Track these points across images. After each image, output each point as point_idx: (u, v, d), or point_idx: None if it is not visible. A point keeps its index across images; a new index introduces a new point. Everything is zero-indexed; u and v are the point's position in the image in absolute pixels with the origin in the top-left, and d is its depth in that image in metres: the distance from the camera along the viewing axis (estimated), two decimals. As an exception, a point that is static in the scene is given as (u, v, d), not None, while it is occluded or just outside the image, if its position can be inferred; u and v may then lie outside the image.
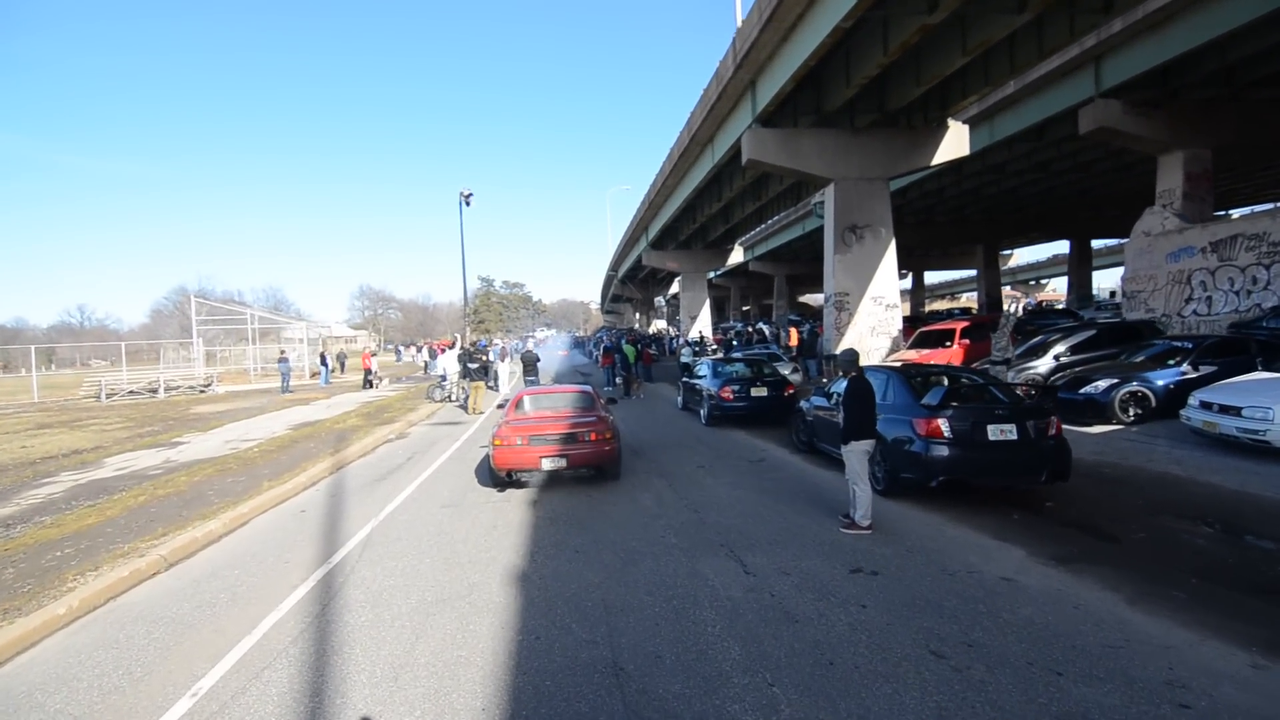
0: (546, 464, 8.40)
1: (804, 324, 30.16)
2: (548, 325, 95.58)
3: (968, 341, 17.60)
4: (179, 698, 3.83)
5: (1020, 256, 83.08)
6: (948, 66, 15.58)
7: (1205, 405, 8.82)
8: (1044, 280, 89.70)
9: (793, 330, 27.28)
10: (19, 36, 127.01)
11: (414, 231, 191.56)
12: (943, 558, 5.56)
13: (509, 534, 6.80)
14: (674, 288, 66.35)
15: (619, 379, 22.07)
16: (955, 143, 19.46)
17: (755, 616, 4.55)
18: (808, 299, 76.44)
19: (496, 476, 8.77)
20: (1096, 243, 45.87)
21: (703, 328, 42.04)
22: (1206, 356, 10.94)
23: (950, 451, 6.84)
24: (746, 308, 76.41)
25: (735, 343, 30.96)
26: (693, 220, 36.02)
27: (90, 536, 7.04)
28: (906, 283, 55.13)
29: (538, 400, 10.07)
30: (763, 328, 35.65)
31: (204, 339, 36.25)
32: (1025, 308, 39.58)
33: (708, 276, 48.76)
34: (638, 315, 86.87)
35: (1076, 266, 42.63)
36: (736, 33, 17.11)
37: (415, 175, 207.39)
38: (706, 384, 14.37)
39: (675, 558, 5.83)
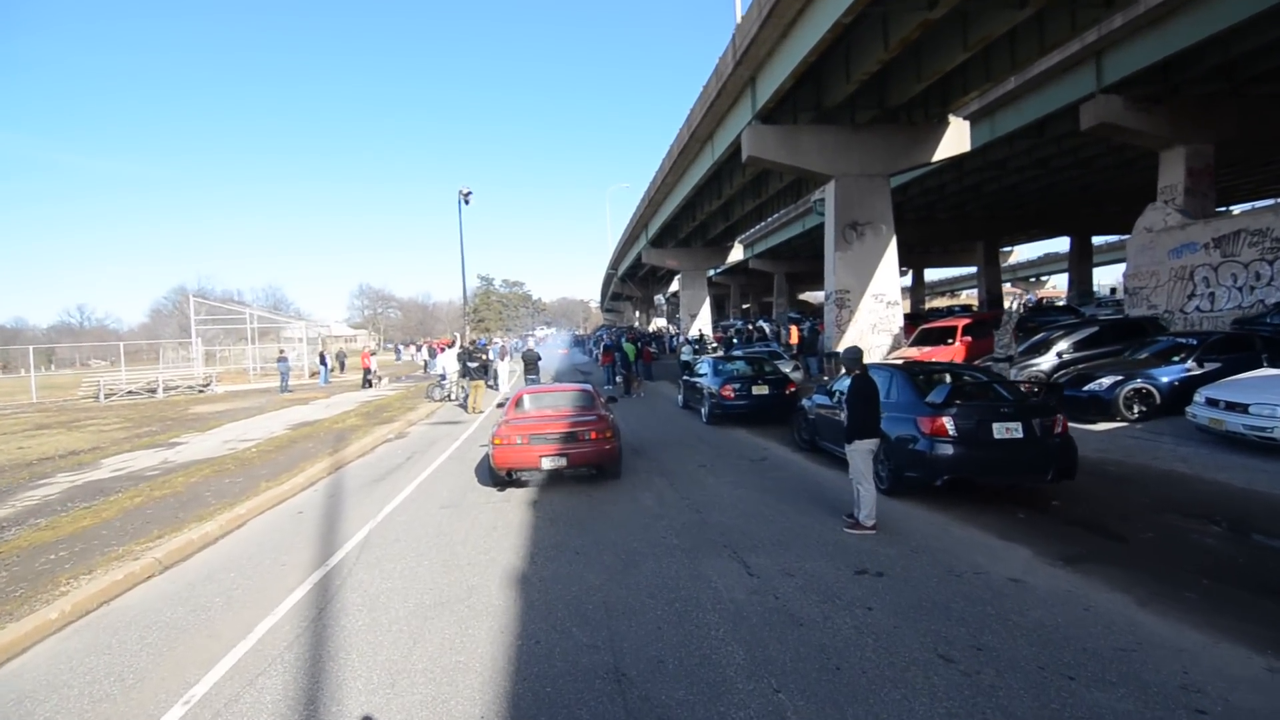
0: (546, 463, 8.32)
1: (804, 321, 30.09)
2: (547, 324, 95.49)
3: (970, 339, 17.52)
4: (171, 705, 3.74)
5: (1020, 253, 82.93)
6: (949, 62, 15.49)
7: (1211, 402, 8.73)
8: (1044, 277, 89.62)
9: (793, 328, 27.20)
10: (18, 36, 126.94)
11: (413, 230, 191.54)
12: (949, 558, 5.48)
13: (509, 535, 6.72)
14: (674, 286, 66.26)
15: (619, 377, 21.98)
16: (956, 139, 19.37)
17: (759, 619, 4.47)
18: (808, 296, 76.36)
19: (496, 476, 8.71)
20: (1097, 239, 45.82)
21: (703, 326, 41.98)
22: (1211, 353, 10.85)
23: (955, 450, 6.76)
24: (746, 305, 76.33)
25: (735, 341, 30.86)
26: (692, 218, 35.93)
27: (85, 539, 6.95)
28: (907, 280, 55.10)
29: (538, 399, 9.98)
30: (763, 325, 35.56)
31: (203, 339, 36.16)
32: (1025, 304, 39.50)
33: (707, 274, 48.68)
34: (637, 313, 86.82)
35: (1077, 263, 42.55)
36: (736, 29, 17.02)
37: (414, 174, 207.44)
38: (707, 382, 14.28)
39: (677, 559, 5.75)
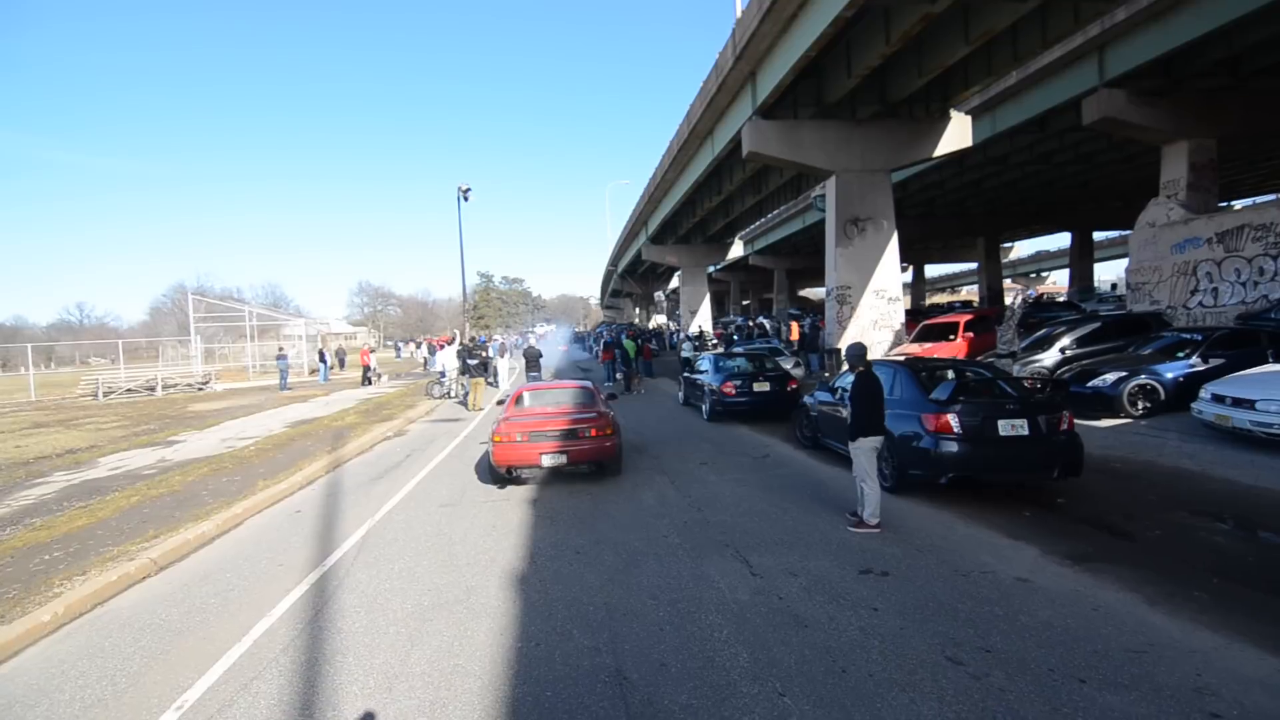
0: (547, 460, 8.26)
1: (805, 318, 30.01)
2: (547, 321, 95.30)
3: (972, 335, 17.45)
4: (164, 710, 3.67)
5: (1020, 249, 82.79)
6: (950, 56, 15.36)
7: (1217, 398, 8.65)
8: (1044, 273, 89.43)
9: (793, 324, 27.12)
10: (17, 34, 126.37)
11: (413, 227, 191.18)
12: (955, 557, 5.40)
13: (508, 534, 6.64)
14: (674, 282, 66.15)
15: (619, 374, 21.90)
16: (958, 134, 19.25)
17: (763, 621, 4.40)
18: (808, 293, 76.15)
19: (496, 473, 8.66)
20: (1098, 235, 45.68)
21: (703, 322, 41.91)
22: (1216, 349, 10.76)
23: (960, 447, 6.68)
24: (746, 302, 76.21)
25: (736, 337, 30.78)
26: (692, 214, 35.81)
27: (80, 539, 6.88)
28: (907, 276, 54.89)
29: (538, 396, 9.91)
30: (764, 322, 35.48)
31: (202, 336, 36.09)
32: (1026, 300, 39.39)
33: (707, 271, 48.57)
34: (637, 310, 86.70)
35: (1078, 259, 42.39)
36: (736, 23, 16.89)
37: (414, 171, 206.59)
38: (708, 379, 14.20)
39: (679, 559, 5.67)
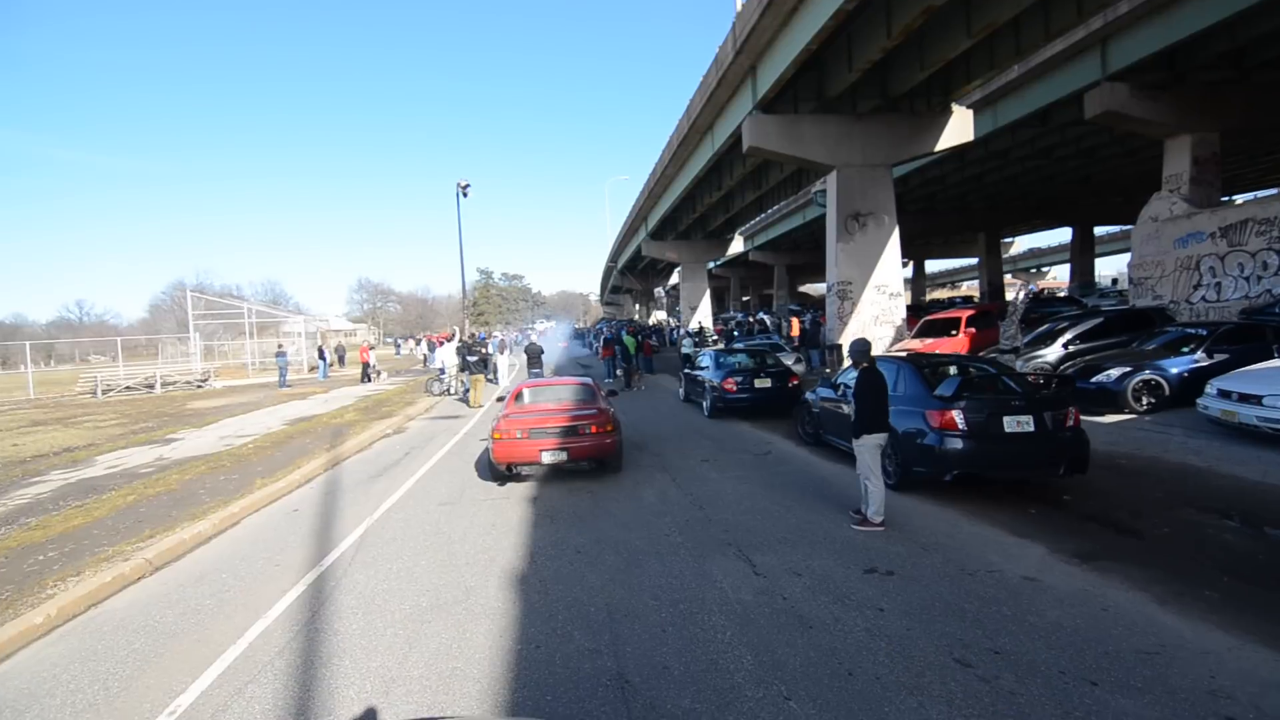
0: (547, 457, 8.20)
1: (805, 314, 29.88)
2: (546, 317, 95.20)
3: (974, 330, 17.37)
4: (156, 716, 3.60)
5: (1021, 244, 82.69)
6: (952, 50, 15.23)
7: (1224, 394, 8.56)
8: (1044, 268, 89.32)
9: (794, 320, 26.99)
10: (16, 33, 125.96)
11: (413, 224, 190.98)
12: (961, 556, 5.33)
13: (508, 533, 6.57)
14: (674, 278, 65.99)
15: (620, 371, 21.82)
16: (959, 128, 19.11)
17: (767, 622, 4.32)
18: (808, 289, 76.00)
19: (496, 470, 8.62)
20: (1099, 229, 45.53)
21: (703, 318, 41.78)
22: (1220, 344, 10.67)
23: (965, 444, 6.60)
24: (746, 298, 76.06)
25: (736, 333, 30.67)
26: (692, 210, 35.66)
27: (75, 539, 6.81)
28: (907, 272, 54.60)
29: (537, 393, 9.85)
30: (764, 318, 35.36)
31: (201, 334, 36.01)
32: (1027, 295, 39.25)
33: (707, 267, 48.39)
34: (637, 306, 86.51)
35: (1079, 253, 42.27)
36: (736, 17, 16.76)
37: (413, 167, 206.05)
38: (709, 375, 14.12)
39: (681, 558, 5.60)
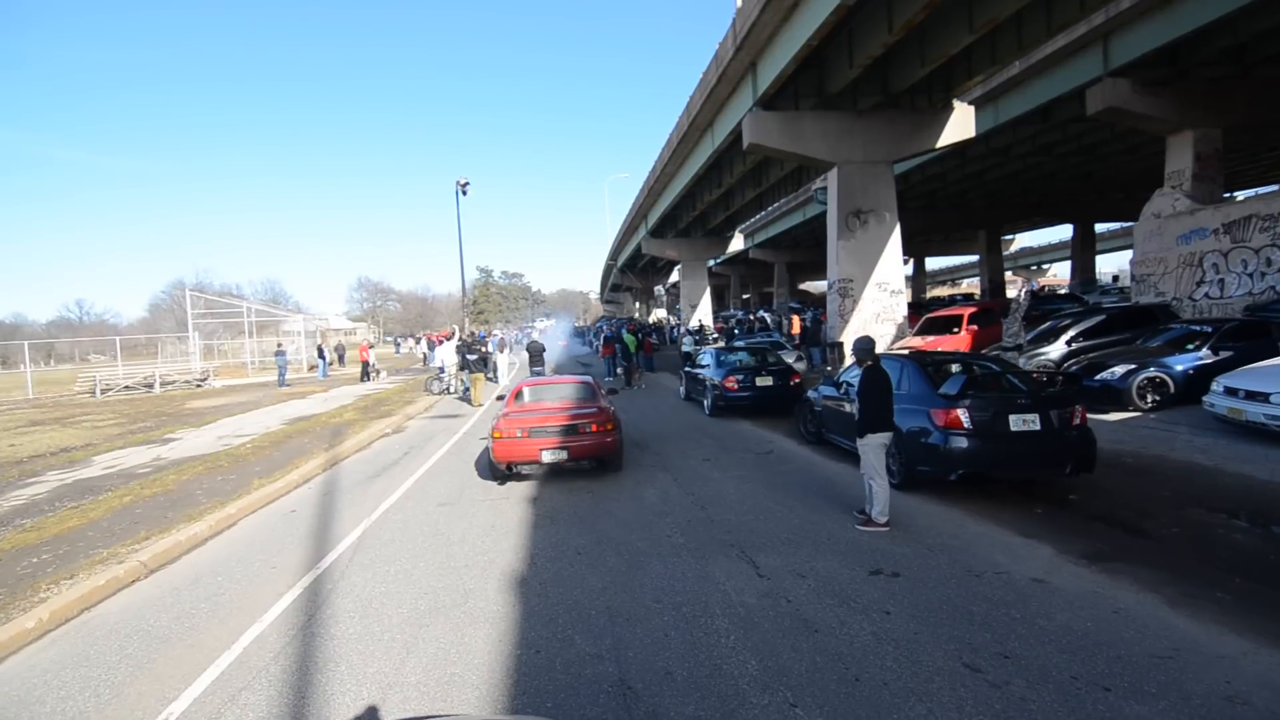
0: (547, 456, 8.14)
1: (806, 311, 29.80)
2: (546, 315, 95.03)
3: (976, 327, 17.26)
4: (148, 724, 3.52)
5: (1021, 241, 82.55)
6: (954, 45, 15.12)
7: (1230, 391, 8.48)
8: (1045, 265, 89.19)
9: (795, 318, 26.91)
10: (17, 32, 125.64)
11: (412, 222, 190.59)
12: (967, 557, 5.25)
13: (508, 534, 6.49)
14: (674, 276, 65.88)
15: (620, 369, 21.73)
16: (961, 125, 19.00)
17: (771, 625, 4.24)
18: (808, 286, 75.91)
19: (496, 470, 8.56)
20: (1100, 226, 45.42)
21: (703, 316, 41.67)
22: (1226, 341, 10.58)
23: (970, 443, 6.51)
24: (746, 296, 75.94)
25: (737, 331, 30.57)
26: (692, 207, 35.55)
27: (70, 541, 6.73)
28: (907, 269, 54.43)
29: (537, 392, 9.77)
30: (764, 316, 35.28)
31: (201, 333, 35.93)
32: (1029, 293, 39.18)
33: (707, 265, 48.24)
34: (637, 304, 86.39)
35: (1080, 251, 42.20)
36: (737, 12, 16.65)
37: (413, 166, 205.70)
38: (710, 374, 14.04)
39: (683, 559, 5.52)
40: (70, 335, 78.35)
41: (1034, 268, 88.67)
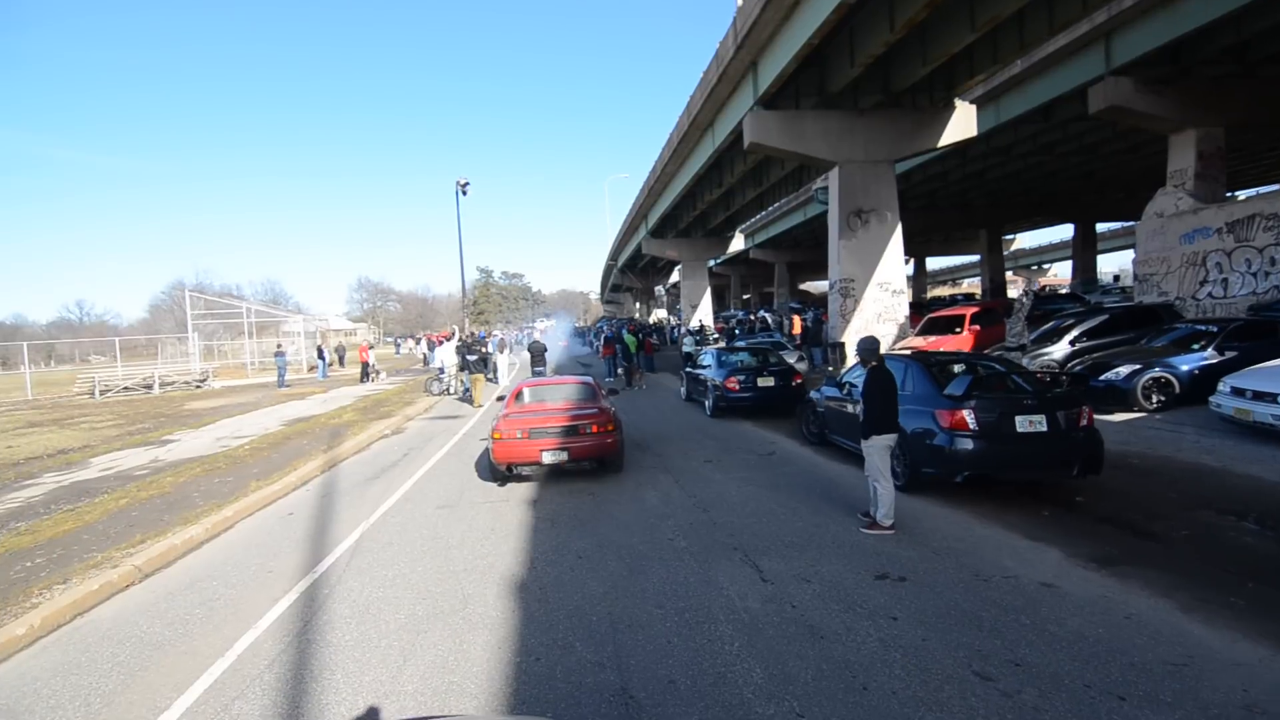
0: (547, 457, 8.07)
1: (807, 311, 29.70)
2: (547, 316, 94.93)
3: (978, 328, 17.18)
4: (138, 735, 3.44)
5: (1022, 241, 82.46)
6: (956, 44, 15.04)
7: (1237, 391, 8.39)
8: (1045, 265, 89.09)
9: (795, 318, 26.82)
10: (16, 32, 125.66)
11: (413, 223, 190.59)
12: (974, 560, 5.16)
13: (508, 538, 6.40)
14: (674, 276, 65.77)
15: (620, 369, 21.65)
16: (962, 124, 18.91)
17: (776, 632, 4.15)
18: (809, 286, 75.80)
19: (496, 471, 8.50)
20: (1100, 226, 45.32)
21: (703, 316, 41.59)
22: (1231, 340, 10.49)
23: (976, 445, 6.42)
24: (747, 296, 75.87)
25: (737, 331, 30.48)
26: (693, 207, 35.47)
27: (64, 544, 6.65)
28: (908, 269, 54.46)
29: (538, 392, 9.70)
30: (765, 316, 35.19)
31: (200, 333, 35.87)
32: (1031, 293, 39.09)
33: (708, 265, 48.15)
34: (638, 305, 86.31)
35: (1081, 250, 42.10)
36: (737, 11, 16.57)
37: (413, 166, 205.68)
38: (711, 374, 13.95)
39: (685, 563, 5.43)
40: (70, 336, 78.36)
41: (1034, 267, 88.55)
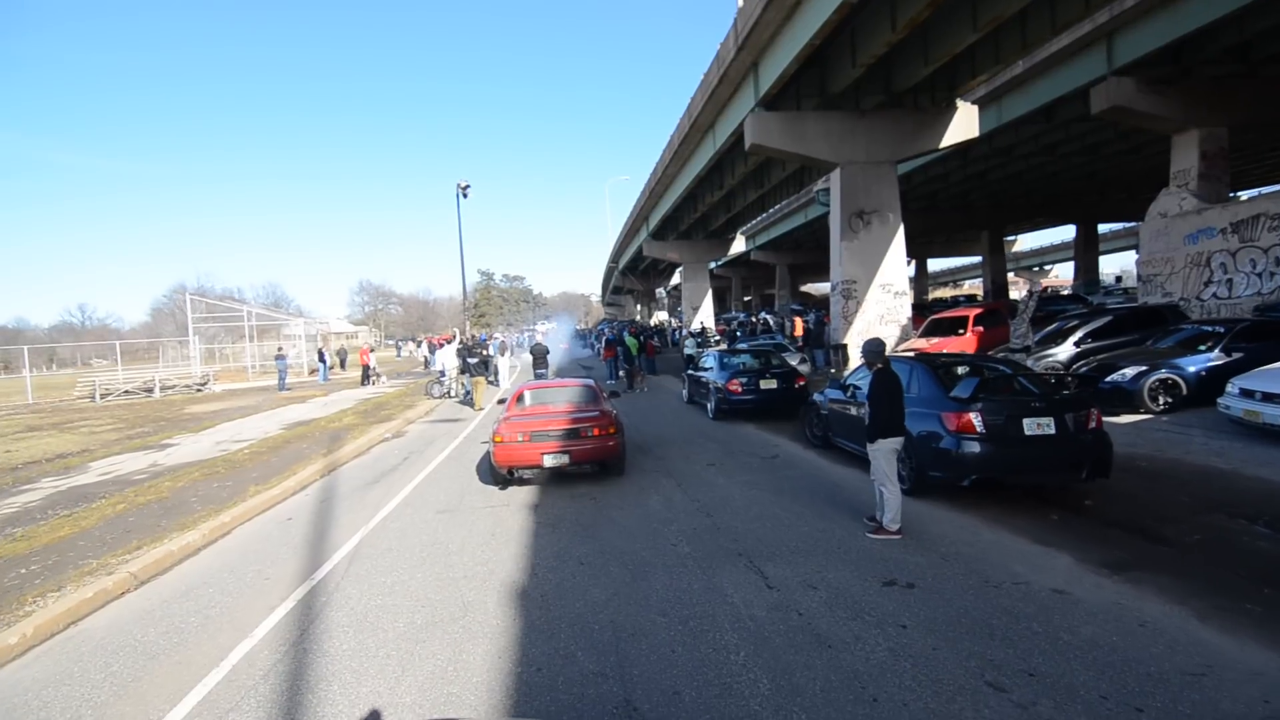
0: (549, 461, 8.00)
1: (808, 313, 29.61)
2: (548, 318, 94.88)
3: (981, 329, 17.09)
4: (130, 749, 3.36)
5: (1023, 242, 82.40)
6: (958, 44, 14.97)
7: (1246, 393, 8.29)
8: (1047, 266, 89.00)
9: (797, 320, 26.74)
10: (16, 35, 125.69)
11: (414, 225, 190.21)
12: (983, 566, 5.07)
13: (508, 543, 6.32)
14: (675, 278, 65.68)
15: (622, 372, 21.57)
16: (965, 124, 18.84)
17: (782, 640, 4.07)
18: (810, 288, 75.71)
19: (497, 474, 8.41)
20: (1102, 227, 45.22)
21: (705, 319, 41.51)
22: (1238, 341, 10.40)
23: (983, 448, 6.33)
24: (748, 298, 75.81)
25: (739, 333, 30.38)
26: (694, 209, 35.41)
27: (60, 551, 6.57)
28: (910, 270, 54.47)
29: (539, 395, 9.62)
30: (767, 318, 35.10)
31: (201, 337, 35.83)
32: (1035, 294, 38.98)
33: (709, 267, 48.11)
34: (639, 307, 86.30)
35: (1083, 251, 41.99)
36: (738, 12, 16.51)
37: (414, 169, 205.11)
38: (713, 376, 13.87)
39: (689, 570, 5.34)
40: (72, 339, 78.42)
41: (1036, 269, 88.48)
